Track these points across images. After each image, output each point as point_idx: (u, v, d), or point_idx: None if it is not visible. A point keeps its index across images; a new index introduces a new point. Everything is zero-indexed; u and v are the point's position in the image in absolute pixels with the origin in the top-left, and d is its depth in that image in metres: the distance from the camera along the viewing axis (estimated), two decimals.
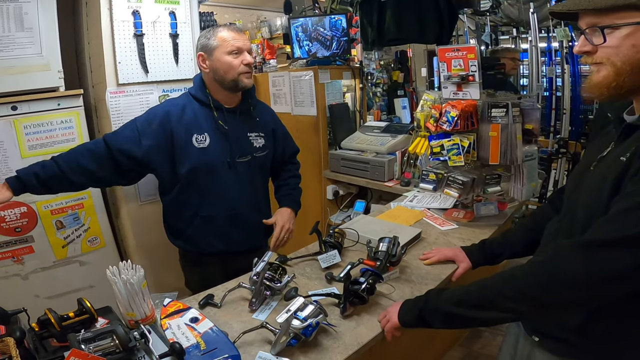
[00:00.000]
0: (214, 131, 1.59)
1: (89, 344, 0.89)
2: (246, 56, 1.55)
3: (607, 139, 0.95)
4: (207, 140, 1.58)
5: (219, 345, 1.02)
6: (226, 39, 1.52)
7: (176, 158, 1.57)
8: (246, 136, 1.67)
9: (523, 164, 1.73)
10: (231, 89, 1.58)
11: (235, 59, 1.53)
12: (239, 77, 1.55)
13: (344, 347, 1.08)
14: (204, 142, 1.57)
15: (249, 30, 4.08)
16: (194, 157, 1.57)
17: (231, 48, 1.52)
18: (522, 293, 0.87)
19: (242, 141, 1.65)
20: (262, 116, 1.76)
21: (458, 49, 1.70)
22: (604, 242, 0.77)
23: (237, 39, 1.54)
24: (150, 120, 1.56)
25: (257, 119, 1.72)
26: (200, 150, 1.57)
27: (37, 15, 1.70)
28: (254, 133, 1.69)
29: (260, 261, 1.30)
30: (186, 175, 1.58)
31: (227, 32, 1.54)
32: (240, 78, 1.55)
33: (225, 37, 1.53)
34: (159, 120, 1.55)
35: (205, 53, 1.56)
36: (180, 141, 1.56)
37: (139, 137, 1.53)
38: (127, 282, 1.05)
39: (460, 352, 2.37)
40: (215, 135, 1.59)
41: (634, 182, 0.78)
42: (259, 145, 1.70)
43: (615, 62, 0.80)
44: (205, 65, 1.57)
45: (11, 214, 1.79)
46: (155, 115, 1.57)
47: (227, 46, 1.52)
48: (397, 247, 1.39)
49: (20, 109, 1.74)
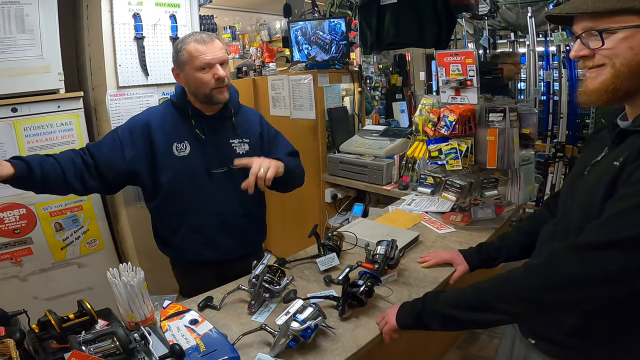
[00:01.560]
0: (193, 140, 1.55)
1: (89, 346, 0.89)
2: (217, 70, 1.44)
3: (601, 144, 0.96)
4: (187, 149, 1.54)
5: (219, 347, 1.03)
6: (193, 54, 1.42)
7: (157, 166, 1.53)
8: (228, 143, 1.60)
9: (520, 168, 1.75)
10: (206, 103, 1.54)
11: (206, 75, 1.43)
12: (211, 93, 1.47)
13: (343, 349, 1.09)
14: (184, 151, 1.53)
15: (249, 33, 4.10)
16: (174, 166, 1.53)
17: (200, 64, 1.42)
18: (518, 295, 0.88)
19: (223, 149, 1.59)
20: (247, 121, 1.68)
21: (456, 54, 1.72)
22: (598, 244, 0.78)
23: (206, 53, 1.42)
24: (131, 129, 1.52)
25: (241, 124, 1.64)
26: (180, 158, 1.53)
27: (38, 17, 1.71)
28: (237, 139, 1.62)
29: (260, 264, 1.31)
30: (168, 183, 1.54)
31: (195, 46, 1.42)
32: (213, 93, 1.47)
33: (192, 51, 1.42)
34: (140, 129, 1.52)
35: (177, 67, 1.50)
36: (160, 149, 1.52)
37: (122, 147, 1.50)
38: (127, 284, 1.05)
39: (458, 355, 2.38)
40: (194, 143, 1.55)
41: (627, 186, 0.79)
42: (243, 152, 1.62)
43: (615, 63, 0.81)
44: (180, 79, 1.52)
45: (10, 216, 1.79)
46: (135, 124, 1.54)
47: (195, 62, 1.42)
48: (395, 250, 1.40)
49: (21, 111, 1.74)
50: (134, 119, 1.57)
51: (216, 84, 1.45)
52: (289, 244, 1.77)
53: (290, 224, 3.29)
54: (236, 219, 1.63)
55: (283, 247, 3.21)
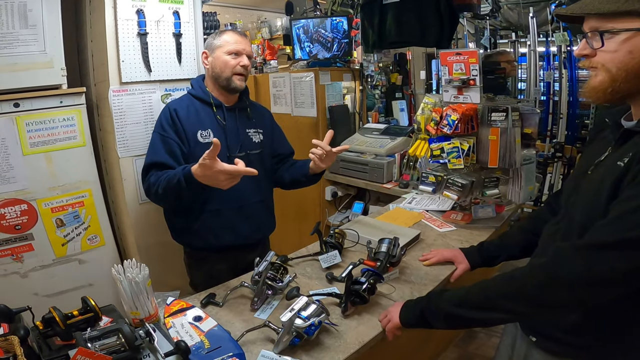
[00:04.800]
0: (215, 127, 1.67)
1: (95, 342, 0.90)
2: (244, 59, 1.65)
3: (604, 143, 0.97)
4: (211, 136, 1.63)
5: (223, 344, 1.03)
6: (229, 41, 1.64)
7: (187, 153, 1.62)
8: (245, 132, 1.74)
9: (521, 167, 1.76)
10: (224, 88, 1.66)
11: (233, 60, 1.63)
12: (232, 77, 1.63)
13: (345, 346, 1.10)
14: (208, 137, 1.63)
15: (250, 30, 4.09)
16: (200, 151, 1.58)
17: (231, 49, 1.62)
18: (522, 294, 0.89)
19: (241, 137, 1.71)
20: (259, 114, 1.85)
21: (460, 53, 1.72)
22: (602, 244, 0.79)
23: (239, 43, 1.65)
24: (162, 125, 1.62)
25: (255, 116, 1.80)
26: (205, 144, 1.61)
27: (42, 13, 1.70)
28: (252, 129, 1.76)
29: (263, 261, 1.31)
30: None
31: (231, 36, 1.65)
32: (234, 78, 1.63)
33: (228, 39, 1.64)
34: (170, 120, 1.62)
35: (208, 50, 1.67)
36: (188, 136, 1.62)
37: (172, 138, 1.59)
38: (132, 280, 1.06)
39: (455, 353, 2.39)
40: (216, 130, 1.66)
41: (632, 187, 0.80)
42: (258, 141, 1.77)
43: (610, 69, 0.82)
44: (207, 62, 1.68)
45: (11, 212, 1.78)
46: (165, 117, 1.63)
47: (228, 47, 1.63)
48: (397, 248, 1.41)
49: (23, 106, 1.73)
50: (161, 115, 1.66)
51: (239, 70, 1.63)
52: (290, 242, 1.78)
53: (290, 221, 3.29)
54: (252, 205, 1.74)
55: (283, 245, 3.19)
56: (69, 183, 1.89)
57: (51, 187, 1.85)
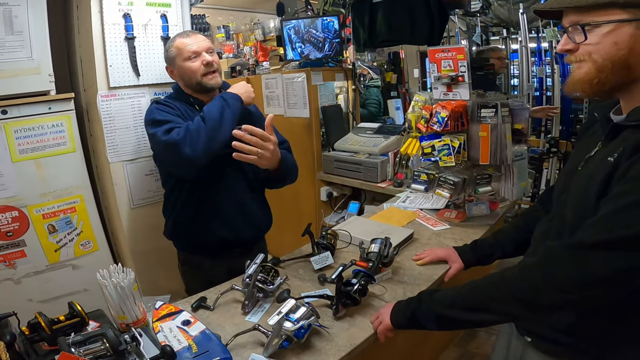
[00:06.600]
0: None
1: (79, 347, 0.89)
2: (204, 56, 1.56)
3: (594, 138, 0.95)
4: None
5: (211, 348, 1.02)
6: (180, 46, 1.56)
7: None
8: None
9: (513, 163, 1.75)
10: (201, 91, 1.62)
11: (194, 63, 1.56)
12: (202, 79, 1.57)
13: (337, 348, 1.09)
14: None
15: (243, 32, 4.08)
16: None
17: (187, 54, 1.55)
18: (513, 296, 0.87)
19: None
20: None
21: (447, 50, 1.72)
22: (592, 244, 0.77)
23: (191, 44, 1.56)
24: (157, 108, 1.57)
25: None
26: None
27: (27, 19, 1.69)
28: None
29: (252, 263, 1.30)
30: None
31: (180, 39, 1.58)
32: (204, 80, 1.57)
33: (179, 45, 1.57)
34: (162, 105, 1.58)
35: (169, 65, 1.62)
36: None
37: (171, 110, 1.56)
38: (117, 285, 1.05)
39: (456, 352, 2.38)
40: None
41: (622, 184, 0.77)
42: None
43: (596, 59, 0.81)
44: (174, 75, 1.63)
45: (2, 218, 1.77)
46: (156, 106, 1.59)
47: (183, 53, 1.56)
48: (389, 248, 1.40)
49: (11, 113, 1.73)
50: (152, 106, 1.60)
51: (206, 69, 1.56)
52: (286, 243, 1.77)
53: (285, 222, 3.27)
54: (246, 198, 1.70)
55: (279, 246, 3.19)
56: (60, 189, 1.89)
57: (42, 193, 1.85)
